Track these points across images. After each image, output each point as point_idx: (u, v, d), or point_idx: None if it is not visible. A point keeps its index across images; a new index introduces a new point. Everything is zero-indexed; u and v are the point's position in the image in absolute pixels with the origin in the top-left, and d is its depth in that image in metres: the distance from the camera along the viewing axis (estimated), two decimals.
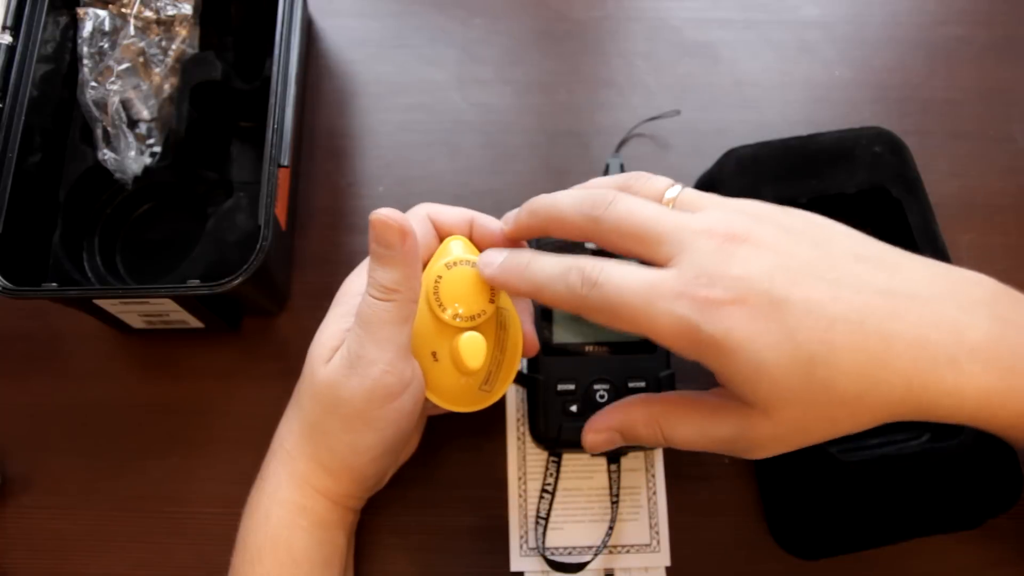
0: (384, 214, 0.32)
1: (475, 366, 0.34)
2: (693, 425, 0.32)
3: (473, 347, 0.34)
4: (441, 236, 0.37)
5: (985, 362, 0.29)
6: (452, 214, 0.37)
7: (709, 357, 0.29)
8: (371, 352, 0.33)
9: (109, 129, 0.46)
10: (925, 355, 0.28)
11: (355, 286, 0.37)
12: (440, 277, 0.34)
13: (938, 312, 0.29)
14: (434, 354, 0.35)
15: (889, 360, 0.28)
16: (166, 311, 0.43)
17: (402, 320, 0.33)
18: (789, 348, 0.28)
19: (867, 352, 0.28)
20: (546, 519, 0.43)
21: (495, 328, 0.36)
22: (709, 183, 0.47)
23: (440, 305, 0.34)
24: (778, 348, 0.28)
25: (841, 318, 0.28)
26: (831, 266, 0.30)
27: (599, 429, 0.35)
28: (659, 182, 0.34)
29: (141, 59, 0.47)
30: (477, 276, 0.35)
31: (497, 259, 0.34)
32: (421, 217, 0.36)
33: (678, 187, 0.33)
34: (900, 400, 0.29)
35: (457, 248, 0.36)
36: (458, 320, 0.34)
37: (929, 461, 0.40)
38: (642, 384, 0.41)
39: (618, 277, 0.30)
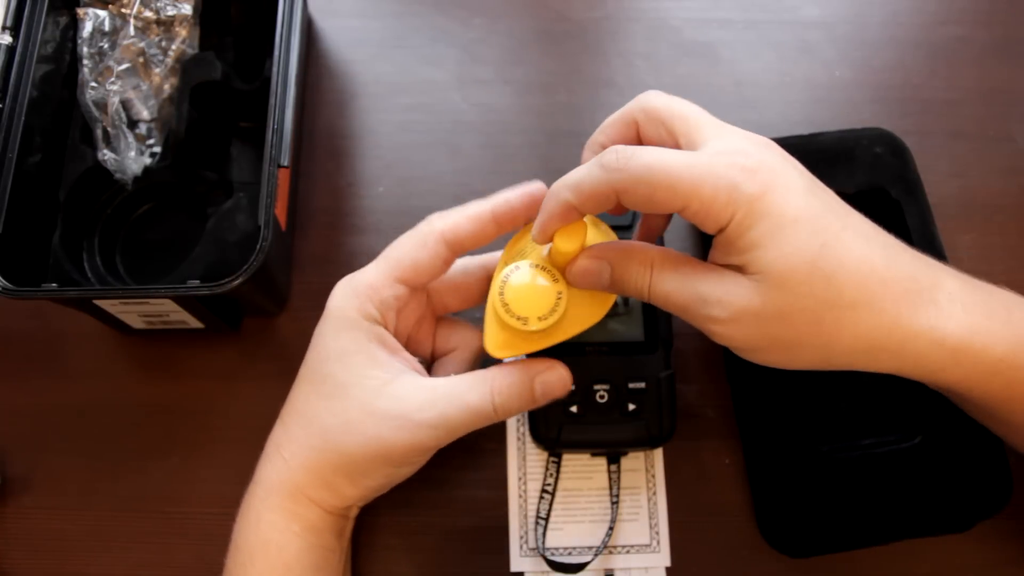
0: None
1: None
2: (681, 276, 0.32)
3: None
4: (459, 251, 0.36)
5: (963, 304, 0.31)
6: (470, 226, 0.36)
7: (739, 214, 0.29)
8: (452, 424, 0.34)
9: (109, 129, 0.46)
10: (915, 288, 0.31)
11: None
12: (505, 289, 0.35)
13: (918, 261, 0.32)
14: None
15: (888, 279, 0.30)
16: (166, 311, 0.43)
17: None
18: (808, 229, 0.29)
19: (871, 264, 0.30)
20: (546, 519, 0.43)
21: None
22: None
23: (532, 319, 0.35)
24: (799, 225, 0.29)
25: (851, 227, 0.31)
26: (838, 200, 0.32)
27: (594, 256, 0.34)
28: None
29: (141, 59, 0.47)
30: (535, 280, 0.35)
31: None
32: (436, 239, 0.36)
33: None
34: (888, 328, 0.30)
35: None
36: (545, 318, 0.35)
37: (920, 462, 0.40)
38: (642, 384, 0.41)
39: (655, 151, 0.31)
